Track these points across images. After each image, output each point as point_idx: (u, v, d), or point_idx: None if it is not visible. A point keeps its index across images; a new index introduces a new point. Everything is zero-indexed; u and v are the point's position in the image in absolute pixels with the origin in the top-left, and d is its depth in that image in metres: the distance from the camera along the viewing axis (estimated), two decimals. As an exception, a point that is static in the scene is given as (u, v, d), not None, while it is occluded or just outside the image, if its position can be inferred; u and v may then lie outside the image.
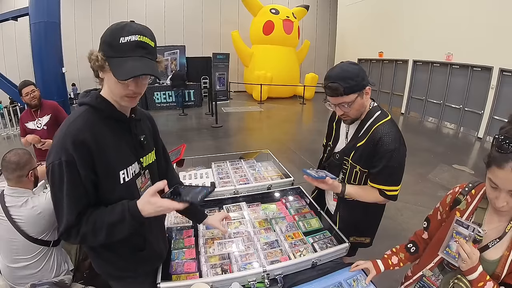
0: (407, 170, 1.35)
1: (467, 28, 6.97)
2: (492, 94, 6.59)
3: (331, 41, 14.48)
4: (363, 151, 1.33)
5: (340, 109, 1.28)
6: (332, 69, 1.27)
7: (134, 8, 12.20)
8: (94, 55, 0.85)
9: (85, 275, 1.97)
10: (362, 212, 1.46)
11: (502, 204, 0.85)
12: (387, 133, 1.27)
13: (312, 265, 1.27)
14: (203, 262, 1.27)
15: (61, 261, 1.65)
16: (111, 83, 0.89)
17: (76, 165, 0.85)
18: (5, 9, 9.12)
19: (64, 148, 0.84)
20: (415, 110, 9.20)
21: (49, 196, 1.51)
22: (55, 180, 0.86)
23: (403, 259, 1.21)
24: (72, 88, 11.75)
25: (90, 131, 0.88)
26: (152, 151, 1.12)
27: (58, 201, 0.88)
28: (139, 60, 0.84)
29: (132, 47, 0.83)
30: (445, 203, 1.10)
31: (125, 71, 0.82)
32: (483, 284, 0.89)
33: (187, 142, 5.31)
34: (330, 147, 1.55)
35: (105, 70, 0.87)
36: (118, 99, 0.92)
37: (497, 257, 0.92)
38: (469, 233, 0.90)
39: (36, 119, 2.72)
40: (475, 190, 1.03)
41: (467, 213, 1.00)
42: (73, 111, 0.96)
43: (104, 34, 0.86)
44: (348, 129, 1.44)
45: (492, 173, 0.85)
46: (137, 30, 0.84)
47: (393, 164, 1.27)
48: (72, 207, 0.87)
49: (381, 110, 1.36)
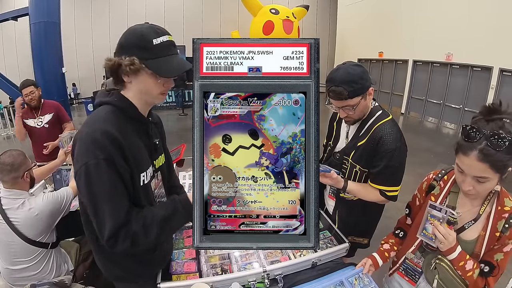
0: (407, 170, 1.36)
1: (467, 28, 6.97)
2: (492, 94, 6.59)
3: (331, 41, 14.48)
4: (364, 150, 1.33)
5: (344, 111, 1.28)
6: (335, 72, 1.25)
7: (134, 9, 12.21)
8: (128, 60, 0.85)
9: (85, 275, 1.97)
10: (360, 212, 1.46)
11: (468, 188, 0.91)
12: (388, 133, 1.27)
13: (312, 265, 1.27)
14: (203, 262, 1.27)
15: (61, 262, 1.64)
16: (146, 84, 0.90)
17: (115, 163, 0.84)
18: (5, 9, 9.12)
19: (99, 146, 0.82)
20: (415, 110, 9.19)
21: (46, 197, 1.51)
22: (92, 180, 0.82)
23: (394, 243, 1.27)
24: (72, 88, 11.76)
25: (118, 131, 0.87)
26: (162, 153, 1.13)
27: (98, 203, 0.83)
28: (175, 57, 0.90)
29: (166, 47, 0.89)
30: (421, 189, 1.18)
31: (173, 68, 0.88)
32: (464, 263, 0.95)
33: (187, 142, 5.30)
34: (330, 147, 1.55)
35: (139, 72, 0.88)
36: (152, 98, 0.95)
37: (474, 237, 0.99)
38: (442, 215, 0.97)
39: (37, 117, 2.70)
40: (447, 176, 1.11)
41: (441, 197, 1.07)
42: (97, 110, 0.94)
43: (129, 39, 0.87)
44: (349, 128, 1.44)
45: (459, 159, 0.92)
46: (164, 31, 0.90)
47: (394, 164, 1.27)
48: (117, 206, 0.84)
49: (382, 110, 1.36)
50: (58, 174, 2.09)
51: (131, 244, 0.85)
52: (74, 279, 1.75)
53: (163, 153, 1.14)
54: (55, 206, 1.52)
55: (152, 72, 0.87)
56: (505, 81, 6.38)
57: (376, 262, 1.22)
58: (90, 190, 0.83)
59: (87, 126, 0.88)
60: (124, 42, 0.88)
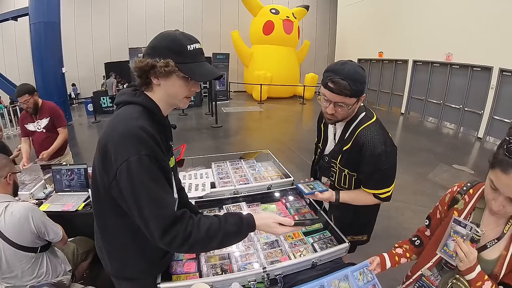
0: (407, 170, 1.36)
1: (467, 28, 6.97)
2: (492, 94, 6.59)
3: (331, 41, 14.48)
4: (349, 155, 1.31)
5: (334, 108, 1.21)
6: (341, 65, 1.17)
7: (134, 9, 12.21)
8: (163, 63, 0.86)
9: (84, 275, 1.97)
10: (352, 214, 1.46)
11: (498, 208, 0.84)
12: (371, 138, 1.24)
13: (312, 265, 1.27)
14: (203, 262, 1.27)
15: (56, 264, 1.61)
16: (176, 87, 0.93)
17: (157, 158, 0.85)
18: (5, 9, 9.12)
19: (140, 142, 0.83)
20: (415, 110, 9.19)
21: (28, 204, 1.49)
22: (135, 177, 0.81)
23: (408, 249, 1.20)
24: (72, 88, 11.76)
25: (152, 130, 0.89)
26: (173, 155, 1.15)
27: (143, 201, 0.82)
28: (206, 64, 0.95)
29: (198, 53, 0.93)
30: (443, 202, 1.09)
31: (206, 74, 0.93)
32: (481, 284, 0.88)
33: (187, 142, 5.30)
34: (320, 149, 1.53)
35: (171, 75, 0.89)
36: (178, 101, 0.97)
37: (495, 257, 0.91)
38: (466, 232, 0.89)
39: (36, 121, 2.72)
40: (473, 189, 1.01)
41: (465, 212, 0.99)
42: (124, 108, 0.94)
43: (163, 42, 0.89)
44: (336, 130, 1.40)
45: (495, 176, 0.81)
46: (195, 39, 0.94)
47: (382, 167, 1.25)
48: (167, 200, 0.86)
49: (366, 110, 1.33)
50: (58, 174, 2.09)
51: (190, 247, 0.87)
52: (73, 279, 1.75)
53: (173, 155, 1.16)
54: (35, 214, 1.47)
55: (184, 76, 0.90)
56: (505, 81, 6.38)
57: (384, 263, 1.16)
58: (133, 188, 0.82)
59: (120, 123, 0.87)
60: (158, 45, 0.89)
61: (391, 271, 1.20)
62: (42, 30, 6.80)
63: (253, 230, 0.98)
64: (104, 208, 0.98)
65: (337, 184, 1.43)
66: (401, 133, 7.65)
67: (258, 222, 0.98)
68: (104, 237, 1.05)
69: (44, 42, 6.86)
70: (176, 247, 0.86)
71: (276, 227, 1.01)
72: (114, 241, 1.03)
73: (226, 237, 0.93)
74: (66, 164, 2.17)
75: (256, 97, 11.26)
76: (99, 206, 1.00)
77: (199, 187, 1.91)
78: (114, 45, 11.98)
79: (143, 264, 1.07)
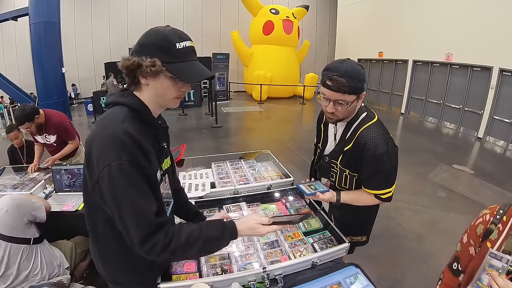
0: (407, 170, 1.35)
1: (467, 28, 6.97)
2: (492, 94, 6.59)
3: (331, 41, 14.48)
4: (351, 156, 1.30)
5: (334, 106, 1.21)
6: (340, 63, 1.17)
7: (134, 9, 12.22)
8: (149, 62, 0.81)
9: (84, 275, 1.97)
10: (352, 214, 1.45)
11: None
12: (372, 138, 1.24)
13: (312, 265, 1.27)
14: (203, 262, 1.27)
15: (51, 258, 1.62)
16: (164, 87, 0.88)
17: (139, 164, 0.81)
18: (5, 9, 9.13)
19: (123, 147, 0.79)
20: (415, 110, 9.19)
21: (7, 195, 1.55)
22: (116, 183, 0.79)
23: None
24: (72, 88, 11.76)
25: (136, 132, 0.84)
26: (168, 156, 1.12)
27: (123, 208, 0.80)
28: (196, 63, 0.89)
29: (188, 52, 0.87)
30: (475, 235, 0.99)
31: (194, 74, 0.87)
32: None
33: (187, 142, 5.31)
34: (320, 150, 1.52)
35: (159, 75, 0.85)
36: (167, 102, 0.92)
37: None
38: (502, 265, 0.84)
39: (43, 134, 2.67)
40: (506, 216, 0.93)
41: (499, 242, 0.91)
42: (111, 109, 0.90)
43: (151, 40, 0.84)
44: (336, 130, 1.38)
45: None
46: (187, 36, 0.88)
47: (383, 168, 1.24)
48: (148, 208, 0.82)
49: (368, 110, 1.32)
50: (58, 174, 2.09)
51: (170, 254, 0.84)
52: (73, 279, 1.75)
53: (168, 156, 1.13)
54: (22, 203, 1.55)
55: (171, 76, 0.85)
56: (505, 81, 6.38)
57: None
58: (114, 193, 0.80)
59: (105, 126, 0.85)
60: (146, 42, 0.84)
61: (391, 271, 1.20)
62: (42, 30, 6.79)
63: (235, 235, 0.96)
64: (93, 211, 0.95)
65: (337, 185, 1.43)
66: (401, 133, 7.64)
67: (240, 227, 0.96)
68: (94, 242, 1.03)
69: (44, 42, 6.86)
70: (156, 255, 0.84)
71: (259, 227, 0.98)
72: (104, 247, 1.01)
73: (207, 243, 0.90)
74: (66, 164, 2.17)
75: (256, 97, 11.26)
76: (89, 209, 0.98)
77: (199, 187, 1.91)
78: (114, 45, 11.97)
79: (130, 272, 1.05)
